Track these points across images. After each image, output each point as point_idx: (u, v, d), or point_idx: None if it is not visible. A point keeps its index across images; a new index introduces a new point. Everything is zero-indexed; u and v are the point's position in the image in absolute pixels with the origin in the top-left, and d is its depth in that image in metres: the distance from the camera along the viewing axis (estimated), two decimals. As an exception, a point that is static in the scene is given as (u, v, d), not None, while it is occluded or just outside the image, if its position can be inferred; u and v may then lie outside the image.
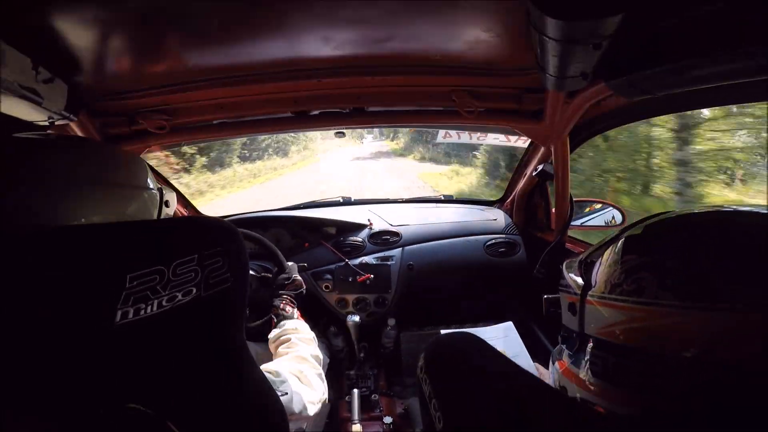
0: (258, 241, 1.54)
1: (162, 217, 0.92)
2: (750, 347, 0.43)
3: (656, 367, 0.49)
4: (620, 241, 0.59)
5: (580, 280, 0.68)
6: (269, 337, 1.26)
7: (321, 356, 1.20)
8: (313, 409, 1.02)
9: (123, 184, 0.81)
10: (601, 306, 0.58)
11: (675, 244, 0.52)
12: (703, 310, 0.45)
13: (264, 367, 0.99)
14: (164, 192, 0.93)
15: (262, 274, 1.59)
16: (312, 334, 1.27)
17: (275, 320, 1.32)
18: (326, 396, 1.11)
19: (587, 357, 0.60)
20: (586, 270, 0.68)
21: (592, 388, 0.58)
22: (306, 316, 1.42)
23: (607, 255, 0.61)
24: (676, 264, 0.49)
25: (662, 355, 0.48)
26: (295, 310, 1.37)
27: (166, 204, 0.93)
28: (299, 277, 1.50)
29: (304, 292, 1.48)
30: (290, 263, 1.53)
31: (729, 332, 0.44)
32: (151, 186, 0.88)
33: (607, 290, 0.58)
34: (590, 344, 0.60)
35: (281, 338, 1.22)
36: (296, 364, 1.09)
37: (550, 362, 0.77)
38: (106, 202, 0.76)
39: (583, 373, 0.60)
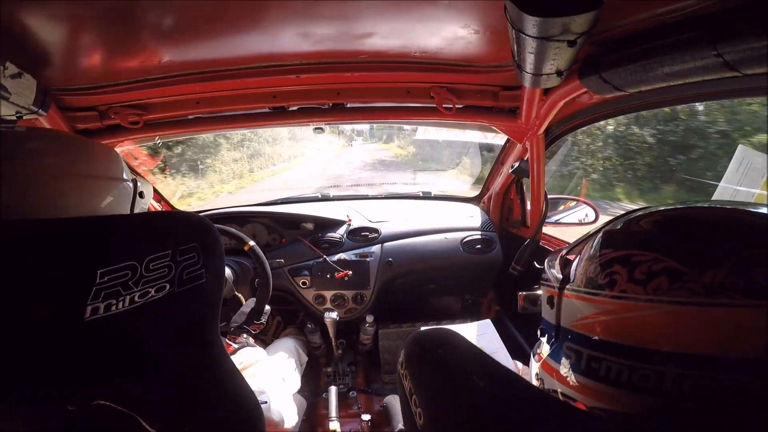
0: (265, 278, 1.52)
1: (137, 208, 0.90)
2: (718, 341, 0.44)
3: (629, 361, 0.49)
4: (599, 236, 0.60)
5: (559, 274, 0.69)
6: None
7: (290, 373, 1.21)
8: (289, 423, 1.02)
9: (96, 175, 0.79)
10: (577, 299, 0.60)
11: (648, 239, 0.53)
12: (671, 304, 0.46)
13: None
14: (138, 183, 0.91)
15: (236, 293, 1.57)
16: (273, 362, 1.28)
17: (234, 347, 1.33)
18: (296, 418, 1.11)
19: (563, 350, 0.61)
20: (565, 264, 0.70)
21: (568, 381, 0.59)
22: (283, 312, 1.42)
23: (586, 250, 0.62)
24: (645, 258, 0.50)
25: (633, 348, 0.49)
26: (257, 345, 1.40)
27: (141, 195, 0.91)
28: (264, 322, 1.50)
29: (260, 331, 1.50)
30: (267, 307, 1.52)
31: (698, 326, 0.45)
32: (126, 177, 0.86)
33: (583, 283, 0.59)
34: (566, 337, 0.61)
35: (244, 363, 1.22)
36: (264, 384, 1.09)
37: (531, 355, 0.78)
38: (79, 193, 0.75)
39: (561, 366, 0.61)
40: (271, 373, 1.14)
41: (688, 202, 0.58)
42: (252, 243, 1.55)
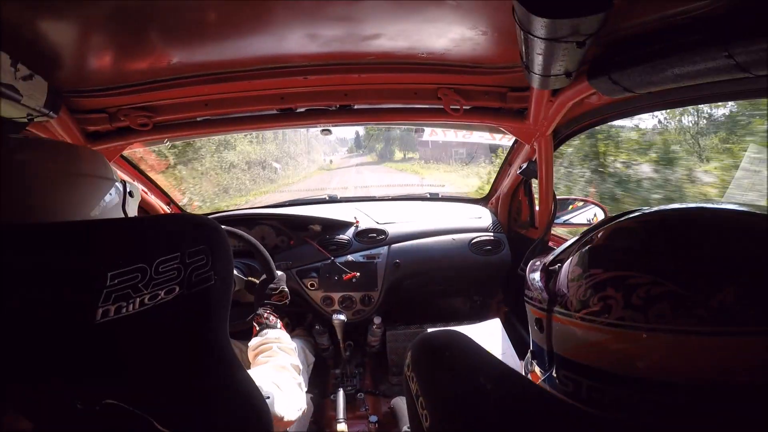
0: (253, 246, 1.52)
1: (128, 207, 0.91)
2: (727, 368, 0.42)
3: (632, 391, 0.47)
4: (584, 252, 0.57)
5: (544, 292, 0.64)
6: (250, 344, 1.24)
7: (301, 366, 1.19)
8: (294, 415, 1.02)
9: (86, 174, 0.80)
10: (570, 324, 0.56)
11: (640, 257, 0.50)
12: (676, 333, 0.43)
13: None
14: (127, 184, 0.92)
15: (249, 278, 1.57)
16: (294, 345, 1.26)
17: (257, 328, 1.31)
18: (305, 406, 1.10)
19: (560, 377, 0.58)
20: (549, 278, 0.65)
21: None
22: (292, 313, 1.42)
23: (572, 266, 0.58)
24: (642, 281, 0.47)
25: (635, 379, 0.47)
26: (278, 320, 1.36)
27: (131, 194, 0.92)
28: (286, 289, 1.48)
29: (288, 303, 1.47)
30: (280, 272, 1.52)
31: (707, 354, 0.42)
32: (113, 177, 0.87)
33: (573, 308, 0.55)
34: (561, 365, 0.58)
35: (262, 346, 1.21)
36: (275, 373, 1.08)
37: (523, 372, 0.75)
38: (73, 193, 0.75)
39: (557, 393, 0.59)
40: (284, 362, 1.13)
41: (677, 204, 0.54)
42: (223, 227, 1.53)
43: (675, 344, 0.43)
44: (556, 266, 0.64)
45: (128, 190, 0.91)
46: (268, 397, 0.93)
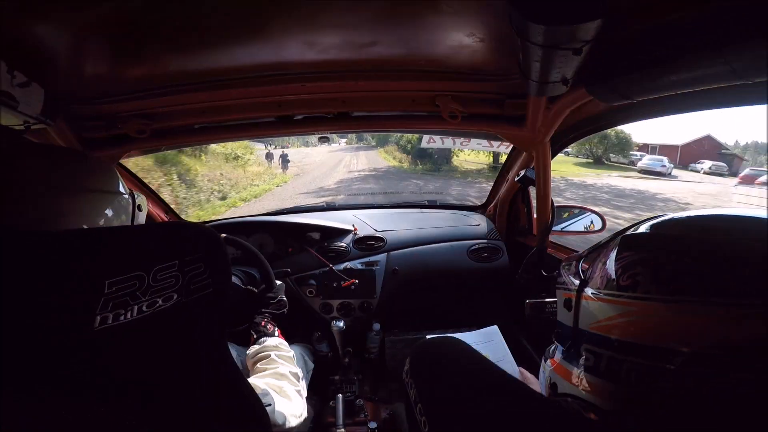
0: (253, 255, 1.52)
1: (136, 220, 0.91)
2: (737, 342, 0.43)
3: (649, 362, 0.49)
4: (618, 240, 0.60)
5: (575, 279, 0.68)
6: (248, 353, 1.25)
7: (300, 374, 1.19)
8: (295, 421, 1.01)
9: (94, 189, 0.80)
10: (597, 301, 0.59)
11: (670, 242, 0.54)
12: (694, 305, 0.46)
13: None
14: (136, 196, 0.92)
15: (248, 287, 1.57)
16: (292, 352, 1.26)
17: (254, 336, 1.31)
18: (305, 414, 1.10)
19: (582, 353, 0.60)
20: (583, 269, 0.69)
21: (585, 384, 0.58)
22: (290, 320, 1.41)
23: (605, 253, 0.62)
24: (669, 259, 0.51)
25: (655, 348, 0.49)
26: (276, 329, 1.36)
27: (139, 208, 0.92)
28: (284, 298, 1.49)
29: (286, 312, 1.47)
30: (279, 282, 1.52)
31: (718, 326, 0.44)
32: (123, 191, 0.87)
33: (603, 286, 0.58)
34: (585, 340, 0.61)
35: (260, 354, 1.21)
36: (275, 381, 1.08)
37: (542, 360, 0.77)
38: (79, 209, 0.76)
39: (577, 370, 0.61)
40: (284, 370, 1.13)
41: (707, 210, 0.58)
42: (223, 235, 1.54)
43: (697, 316, 0.46)
44: (590, 259, 0.68)
45: (137, 203, 0.91)
46: (269, 405, 0.93)
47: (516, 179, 1.83)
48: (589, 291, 0.62)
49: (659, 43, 0.82)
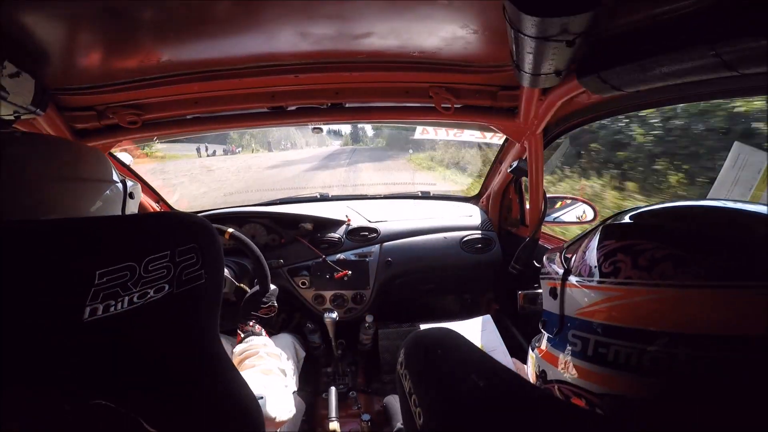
0: (253, 255, 1.51)
1: (127, 210, 0.90)
2: (723, 320, 0.45)
3: (636, 344, 0.51)
4: (599, 230, 0.63)
5: (559, 268, 0.70)
6: (234, 350, 1.26)
7: (288, 370, 1.21)
8: (285, 416, 1.02)
9: (85, 178, 0.80)
10: (581, 288, 0.61)
11: (649, 230, 0.56)
12: (676, 287, 0.48)
13: None
14: (128, 185, 0.91)
15: (240, 284, 1.57)
16: (279, 351, 1.28)
17: (242, 335, 1.32)
18: (294, 410, 1.11)
19: (569, 338, 0.62)
20: (566, 259, 0.71)
21: (572, 369, 0.60)
22: (283, 312, 1.42)
23: (587, 243, 0.64)
24: (648, 246, 0.53)
25: (641, 330, 0.51)
26: (263, 330, 1.38)
27: (131, 196, 0.91)
28: (276, 304, 1.50)
29: (274, 318, 1.48)
30: (273, 287, 1.52)
31: (703, 306, 0.47)
32: (115, 179, 0.86)
33: (586, 273, 0.61)
34: (571, 326, 0.62)
35: (248, 351, 1.22)
36: (263, 377, 1.09)
37: (530, 350, 0.78)
38: (70, 198, 0.75)
39: (564, 355, 0.62)
40: (271, 365, 1.14)
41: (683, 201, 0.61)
42: (231, 230, 1.56)
43: (677, 298, 0.48)
44: (572, 250, 0.71)
45: (129, 191, 0.91)
46: (261, 398, 0.93)
47: (508, 170, 1.83)
48: (573, 279, 0.64)
49: (651, 34, 0.82)
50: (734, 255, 0.47)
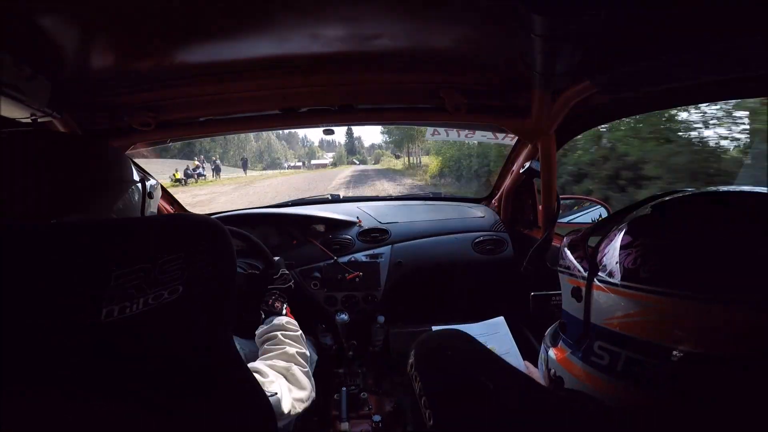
0: (244, 238, 1.52)
1: (147, 209, 0.91)
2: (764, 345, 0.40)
3: (672, 364, 0.46)
4: (632, 221, 0.57)
5: (581, 263, 0.64)
6: (256, 332, 1.25)
7: (308, 353, 1.19)
8: (301, 407, 1.01)
9: (109, 179, 0.81)
10: (613, 293, 0.54)
11: (695, 228, 0.50)
12: (725, 303, 0.42)
13: (251, 366, 0.99)
14: (147, 183, 0.92)
15: (250, 271, 1.57)
16: (299, 332, 1.26)
17: (263, 317, 1.31)
18: (314, 394, 1.10)
19: (595, 350, 0.56)
20: (590, 252, 0.63)
21: (598, 383, 0.55)
22: (294, 314, 1.41)
23: (614, 236, 0.58)
24: (696, 250, 0.47)
25: (678, 350, 0.45)
26: (285, 305, 1.36)
27: (150, 195, 0.92)
28: (287, 271, 1.48)
29: (293, 286, 1.46)
30: (276, 258, 1.51)
31: (750, 329, 0.41)
32: (135, 179, 0.87)
33: (619, 276, 0.53)
34: (598, 336, 0.56)
35: (268, 335, 1.21)
36: (283, 363, 1.08)
37: (542, 346, 0.74)
38: (94, 197, 0.76)
39: (588, 367, 0.57)
40: (290, 351, 1.13)
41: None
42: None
43: (713, 315, 0.43)
44: (599, 239, 0.63)
45: (148, 191, 0.92)
46: (275, 394, 0.93)
47: (521, 171, 1.82)
48: (603, 280, 0.57)
49: (664, 35, 0.81)
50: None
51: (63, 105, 1.21)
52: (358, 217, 2.17)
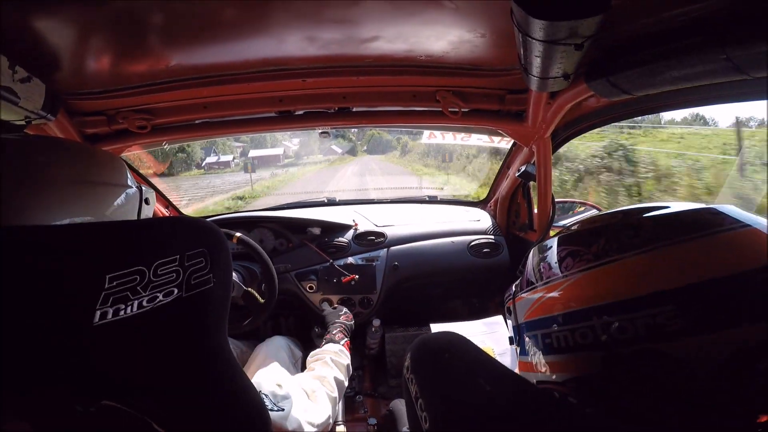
0: (262, 260, 1.55)
1: (143, 215, 0.91)
2: (618, 288, 0.55)
3: (566, 326, 0.60)
4: (531, 251, 0.80)
5: (512, 289, 0.84)
6: (310, 353, 1.32)
7: (345, 383, 1.23)
8: (309, 429, 1.00)
9: (102, 182, 0.80)
10: (525, 295, 0.73)
11: (559, 239, 0.70)
12: (577, 273, 0.61)
13: (274, 379, 1.01)
14: (143, 190, 0.92)
15: (248, 289, 1.59)
16: (347, 362, 1.31)
17: (324, 342, 1.38)
18: (332, 421, 1.11)
19: (526, 341, 0.71)
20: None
21: (540, 368, 0.67)
22: (290, 316, 1.42)
23: (524, 264, 0.80)
24: (556, 251, 0.68)
25: (565, 314, 0.61)
26: (346, 339, 1.43)
27: (146, 201, 0.92)
28: (349, 312, 1.63)
29: (353, 326, 1.58)
30: (344, 309, 1.67)
31: (599, 282, 0.58)
32: (131, 184, 0.87)
33: (524, 287, 0.75)
34: (524, 329, 0.73)
35: (318, 356, 1.26)
36: (312, 381, 1.09)
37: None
38: (86, 201, 0.76)
39: (529, 358, 0.70)
40: (326, 373, 1.16)
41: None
42: (239, 234, 1.60)
43: (580, 281, 0.60)
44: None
45: (144, 197, 0.91)
46: (282, 410, 0.93)
47: (516, 174, 1.83)
48: (520, 293, 0.77)
49: (661, 37, 0.82)
50: (608, 240, 0.59)
51: (57, 107, 1.20)
52: (354, 220, 2.17)
